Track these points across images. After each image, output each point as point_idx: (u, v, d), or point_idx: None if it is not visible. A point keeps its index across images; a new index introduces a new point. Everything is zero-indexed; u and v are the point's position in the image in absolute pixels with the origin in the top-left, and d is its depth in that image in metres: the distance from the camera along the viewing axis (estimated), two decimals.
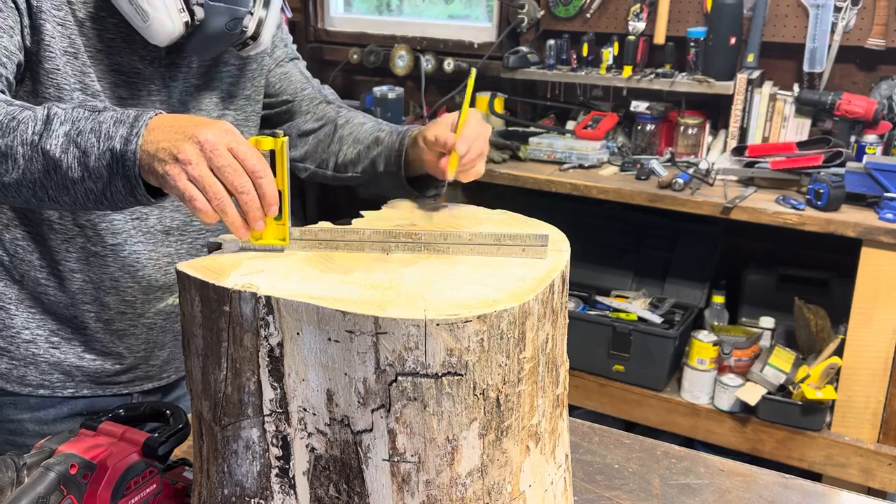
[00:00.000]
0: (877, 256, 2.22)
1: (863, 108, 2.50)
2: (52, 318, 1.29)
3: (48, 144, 0.94)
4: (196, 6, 1.14)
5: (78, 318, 1.30)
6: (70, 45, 1.15)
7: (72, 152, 0.93)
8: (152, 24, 1.12)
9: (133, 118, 0.93)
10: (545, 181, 2.66)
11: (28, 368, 1.29)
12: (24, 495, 0.92)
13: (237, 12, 1.17)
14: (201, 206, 0.89)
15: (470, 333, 0.78)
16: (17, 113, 0.96)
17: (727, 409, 2.53)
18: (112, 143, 0.92)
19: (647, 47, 2.86)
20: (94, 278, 1.27)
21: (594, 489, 1.21)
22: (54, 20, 1.13)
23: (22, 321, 1.28)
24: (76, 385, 1.33)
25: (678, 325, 2.65)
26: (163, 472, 1.10)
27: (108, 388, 1.37)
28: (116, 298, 1.30)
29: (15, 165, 0.95)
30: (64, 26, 1.14)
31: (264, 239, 0.95)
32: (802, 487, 1.24)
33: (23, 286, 1.27)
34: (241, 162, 0.89)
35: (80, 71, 1.16)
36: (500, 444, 0.84)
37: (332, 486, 0.84)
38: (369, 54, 3.37)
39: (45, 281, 1.26)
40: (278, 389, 0.83)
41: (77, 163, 0.93)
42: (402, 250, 0.95)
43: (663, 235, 2.90)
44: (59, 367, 1.31)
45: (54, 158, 0.94)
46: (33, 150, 0.94)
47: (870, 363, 2.29)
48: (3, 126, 0.95)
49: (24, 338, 1.28)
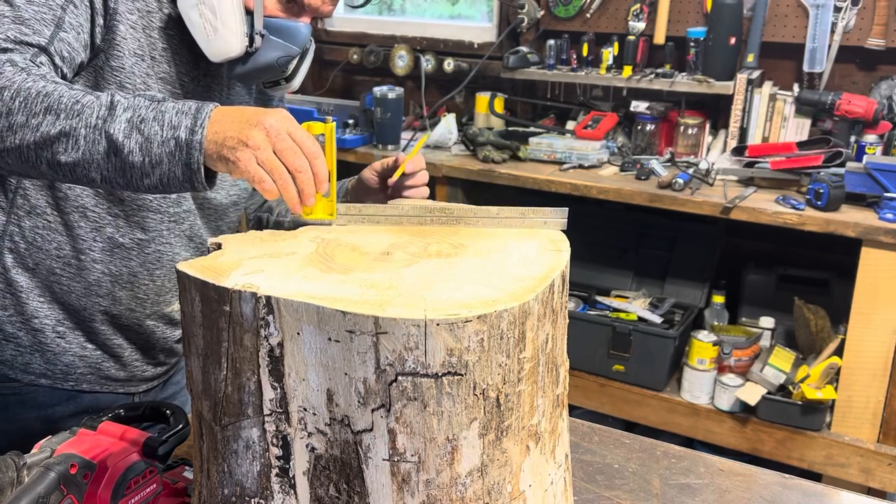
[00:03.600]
0: (877, 256, 2.22)
1: (863, 108, 2.50)
2: (60, 307, 1.31)
3: (111, 129, 0.98)
4: (257, 35, 1.23)
5: (87, 309, 1.31)
6: (139, 48, 1.20)
7: (134, 138, 0.98)
8: (217, 40, 1.20)
9: (195, 110, 0.99)
10: (545, 181, 2.66)
11: (34, 356, 1.31)
12: (24, 495, 0.92)
13: (291, 51, 1.28)
14: (269, 187, 0.96)
15: (470, 333, 0.78)
16: (81, 97, 1.00)
17: (727, 409, 2.53)
18: (177, 133, 0.97)
19: (647, 47, 2.86)
20: (113, 271, 1.30)
21: (594, 489, 1.21)
22: (128, 23, 1.18)
23: (32, 309, 1.30)
24: (77, 379, 1.35)
25: (678, 325, 2.65)
26: (163, 472, 1.10)
27: (107, 384, 1.38)
28: (130, 294, 1.33)
29: (76, 146, 0.99)
30: (136, 30, 1.20)
31: (314, 214, 1.03)
32: (802, 487, 1.24)
33: (34, 274, 1.28)
34: (300, 145, 0.97)
35: (146, 73, 1.21)
36: (500, 444, 0.84)
37: (332, 486, 0.84)
38: (369, 54, 3.37)
39: (61, 270, 1.28)
40: (278, 389, 0.83)
41: (139, 148, 0.98)
42: (438, 223, 1.05)
43: (663, 235, 2.90)
44: (62, 357, 1.32)
45: (117, 143, 0.98)
46: (97, 133, 0.98)
47: (870, 363, 2.29)
48: (68, 108, 0.99)
49: (33, 325, 1.30)
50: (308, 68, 1.39)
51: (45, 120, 0.98)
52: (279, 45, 1.25)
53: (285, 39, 1.25)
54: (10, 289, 1.28)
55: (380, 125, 2.98)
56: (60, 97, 0.99)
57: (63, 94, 0.99)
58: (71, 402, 1.35)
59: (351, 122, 3.11)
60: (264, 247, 0.96)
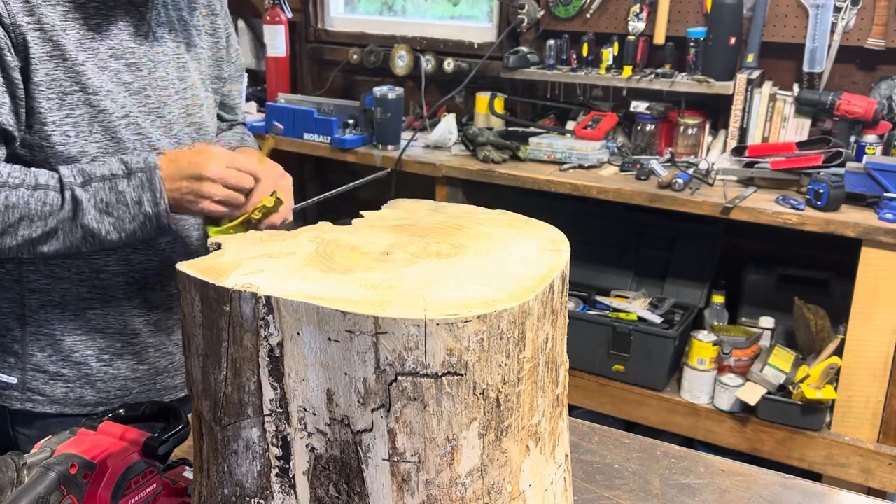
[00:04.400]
0: (877, 256, 2.22)
1: (863, 108, 2.50)
2: (100, 335, 1.29)
3: (85, 220, 1.13)
4: None
5: (128, 326, 1.30)
6: (54, 48, 1.13)
7: (107, 221, 1.14)
8: None
9: (148, 180, 1.14)
10: (545, 181, 2.66)
11: (84, 389, 1.29)
12: (24, 495, 0.92)
13: None
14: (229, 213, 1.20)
15: (470, 333, 0.78)
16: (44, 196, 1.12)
17: (727, 409, 2.53)
18: (143, 208, 1.15)
19: (647, 47, 2.86)
20: (137, 278, 1.28)
21: (594, 489, 1.21)
22: (30, 28, 1.11)
23: (69, 344, 1.27)
24: (135, 396, 1.33)
25: (678, 325, 2.65)
26: (163, 472, 1.10)
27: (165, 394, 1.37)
28: (162, 294, 1.32)
29: (56, 240, 1.14)
30: (43, 30, 1.12)
31: None
32: (802, 487, 1.24)
33: (64, 307, 1.26)
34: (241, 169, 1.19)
35: (73, 71, 1.14)
36: (499, 444, 0.84)
37: (332, 486, 0.84)
38: (369, 54, 3.37)
39: (88, 295, 1.26)
40: (278, 389, 0.83)
41: (113, 228, 1.15)
42: None
43: (663, 235, 2.90)
44: (112, 383, 1.31)
45: (92, 230, 1.13)
46: (72, 226, 1.13)
47: (870, 363, 2.29)
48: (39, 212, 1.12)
49: (74, 360, 1.28)
50: None
51: (21, 226, 1.11)
52: None
53: None
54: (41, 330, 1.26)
55: (380, 125, 2.98)
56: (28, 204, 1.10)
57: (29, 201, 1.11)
58: None
59: (351, 122, 3.11)
60: (264, 247, 0.96)
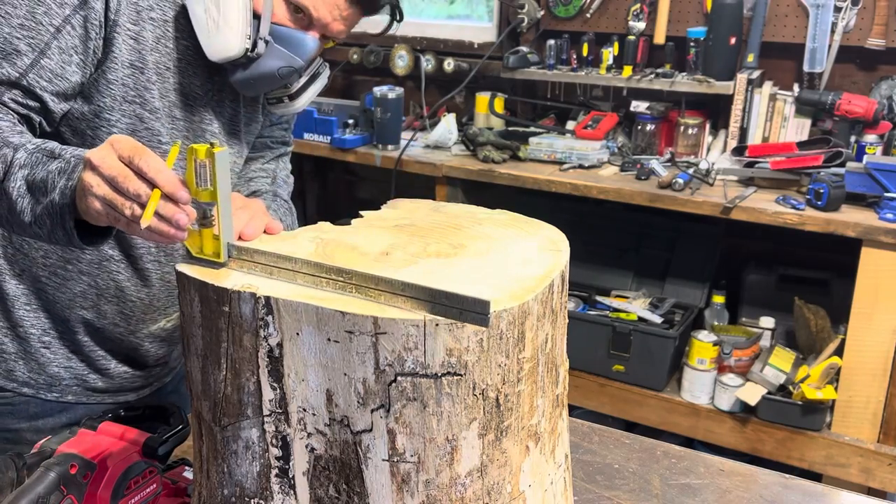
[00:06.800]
0: (877, 256, 2.22)
1: (863, 108, 2.50)
2: (46, 315, 1.29)
3: (9, 187, 0.99)
4: (261, 40, 1.20)
5: (70, 321, 1.30)
6: (139, 60, 1.18)
7: (27, 198, 0.99)
8: (217, 36, 1.17)
9: (73, 166, 0.96)
10: (545, 181, 2.66)
11: (17, 363, 1.30)
12: (24, 495, 0.92)
13: (294, 62, 1.24)
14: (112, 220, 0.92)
15: (469, 333, 0.78)
16: None
17: (727, 409, 2.53)
18: (53, 195, 0.96)
19: (647, 47, 2.86)
20: (100, 283, 1.28)
21: (594, 489, 1.21)
22: (127, 34, 1.16)
23: (18, 316, 1.28)
24: (62, 390, 1.33)
25: (678, 325, 2.65)
26: (163, 472, 1.10)
27: (93, 396, 1.36)
28: (115, 309, 1.30)
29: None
30: (137, 41, 1.17)
31: (204, 251, 0.92)
32: (802, 487, 1.24)
33: (21, 280, 1.27)
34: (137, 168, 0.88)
35: (143, 86, 1.19)
36: (499, 444, 0.84)
37: (331, 487, 0.84)
38: (369, 54, 3.37)
39: (46, 279, 1.27)
40: (278, 390, 0.83)
41: (29, 209, 0.99)
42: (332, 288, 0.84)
43: (663, 235, 2.90)
44: (47, 367, 1.31)
45: (13, 201, 0.99)
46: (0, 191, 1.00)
47: (870, 363, 2.29)
48: None
49: (18, 333, 1.29)
50: (318, 92, 1.35)
51: None
52: (282, 55, 1.22)
53: (290, 49, 1.22)
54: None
55: (380, 125, 2.98)
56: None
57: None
58: (63, 414, 1.33)
59: (351, 122, 3.11)
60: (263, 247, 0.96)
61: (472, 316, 0.76)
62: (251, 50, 1.19)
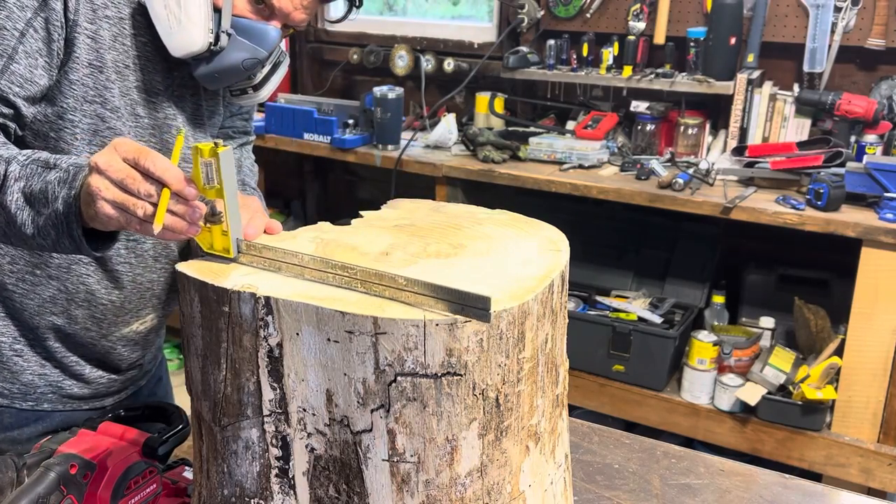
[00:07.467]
0: (877, 256, 2.22)
1: (863, 108, 2.50)
2: (15, 323, 1.27)
3: (5, 200, 0.99)
4: (223, 34, 1.19)
5: (40, 328, 1.27)
6: (97, 59, 1.17)
7: (26, 210, 0.99)
8: (180, 33, 1.16)
9: (73, 175, 0.97)
10: (545, 181, 2.66)
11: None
12: (24, 495, 0.92)
13: (258, 53, 1.23)
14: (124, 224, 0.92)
15: (469, 333, 0.78)
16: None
17: (727, 409, 2.53)
18: (56, 205, 0.97)
19: (647, 47, 2.86)
20: (69, 288, 1.26)
21: (594, 489, 1.21)
22: (86, 34, 1.15)
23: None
24: (37, 398, 1.31)
25: (678, 325, 2.65)
26: (163, 472, 1.10)
27: (69, 403, 1.34)
28: (86, 313, 1.28)
29: None
30: (95, 40, 1.16)
31: (214, 248, 0.95)
32: (802, 487, 1.24)
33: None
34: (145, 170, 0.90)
35: (103, 86, 1.18)
36: (499, 444, 0.84)
37: (331, 487, 0.84)
38: (369, 54, 3.37)
39: (13, 286, 1.24)
40: (278, 390, 0.83)
41: (30, 220, 0.99)
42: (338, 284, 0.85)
43: (663, 235, 2.90)
44: (20, 375, 1.29)
45: (11, 214, 0.99)
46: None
47: (870, 363, 2.29)
48: None
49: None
50: (279, 80, 1.34)
51: None
52: (246, 46, 1.21)
53: (253, 41, 1.21)
54: None
55: (380, 125, 2.98)
56: None
57: None
58: (39, 423, 1.31)
59: (351, 122, 3.11)
60: None
61: (473, 311, 0.77)
62: (214, 44, 1.18)
